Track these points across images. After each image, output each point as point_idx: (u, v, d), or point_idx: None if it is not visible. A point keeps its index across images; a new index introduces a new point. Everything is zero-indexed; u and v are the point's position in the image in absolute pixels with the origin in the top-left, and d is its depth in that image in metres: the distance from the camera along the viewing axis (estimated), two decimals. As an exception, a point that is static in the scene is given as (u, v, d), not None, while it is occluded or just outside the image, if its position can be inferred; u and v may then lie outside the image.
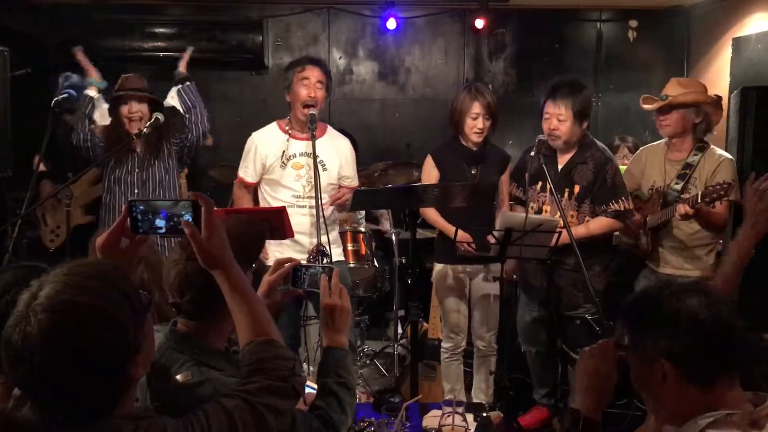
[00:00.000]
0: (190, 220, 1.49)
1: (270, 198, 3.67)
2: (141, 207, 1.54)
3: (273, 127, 3.75)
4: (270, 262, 3.41)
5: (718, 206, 3.38)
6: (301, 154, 3.59)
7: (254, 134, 3.77)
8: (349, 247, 4.35)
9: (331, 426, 1.74)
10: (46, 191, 4.27)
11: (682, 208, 3.30)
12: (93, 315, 1.24)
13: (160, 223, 1.53)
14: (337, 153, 3.73)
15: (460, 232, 3.45)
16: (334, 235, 3.82)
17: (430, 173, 3.81)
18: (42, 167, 4.36)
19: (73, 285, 1.25)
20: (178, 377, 1.65)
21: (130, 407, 1.33)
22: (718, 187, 3.21)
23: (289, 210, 3.55)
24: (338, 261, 3.78)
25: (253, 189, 3.77)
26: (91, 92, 3.92)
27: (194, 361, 1.70)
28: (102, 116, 3.89)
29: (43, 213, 4.47)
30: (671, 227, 3.59)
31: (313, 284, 1.96)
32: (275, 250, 3.53)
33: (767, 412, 1.52)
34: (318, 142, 3.64)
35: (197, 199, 1.49)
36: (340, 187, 3.73)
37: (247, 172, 3.73)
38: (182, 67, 4.14)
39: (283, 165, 3.63)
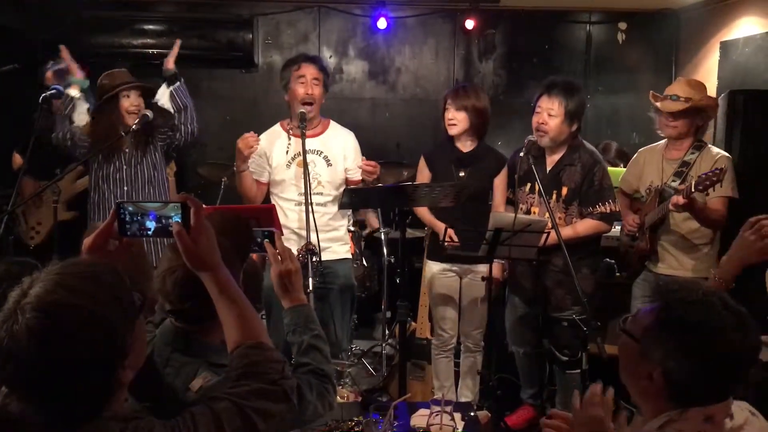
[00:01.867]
0: (179, 221, 1.48)
1: (278, 198, 3.69)
2: (129, 208, 1.52)
3: (276, 127, 3.78)
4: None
5: (713, 202, 3.37)
6: (303, 152, 3.58)
7: (260, 136, 3.77)
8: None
9: (326, 377, 1.79)
10: (28, 188, 4.22)
11: (676, 198, 3.27)
12: (82, 317, 1.22)
13: (149, 224, 1.51)
14: (342, 147, 3.73)
15: (448, 230, 3.48)
16: (342, 232, 3.81)
17: (422, 173, 3.85)
18: (20, 161, 4.33)
19: (64, 285, 1.24)
20: (198, 381, 1.64)
21: (119, 408, 1.32)
22: (711, 174, 3.18)
23: (294, 207, 3.60)
24: (343, 259, 3.79)
25: (265, 190, 3.76)
26: (73, 91, 3.78)
27: (205, 362, 1.70)
28: (80, 116, 3.77)
29: (23, 211, 4.42)
30: (669, 225, 3.58)
31: (258, 248, 2.01)
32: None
33: (724, 408, 1.53)
34: (322, 137, 3.69)
35: (186, 200, 1.48)
36: (346, 181, 3.73)
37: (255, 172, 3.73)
38: (170, 63, 3.93)
39: (289, 164, 3.65)
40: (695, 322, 1.51)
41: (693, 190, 3.21)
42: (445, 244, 3.58)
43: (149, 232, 1.52)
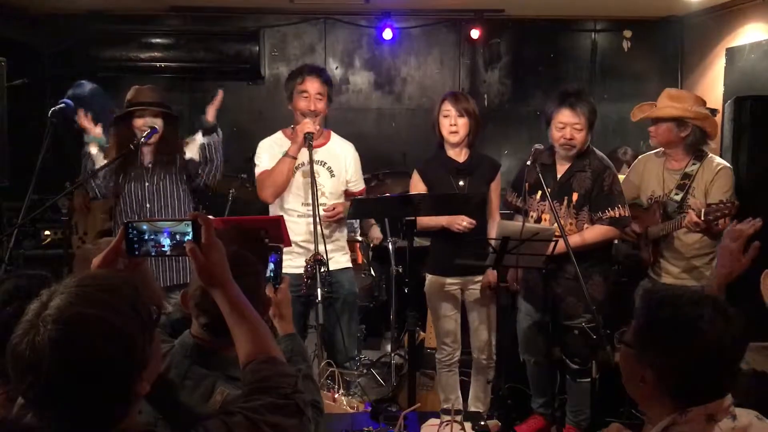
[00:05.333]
0: (191, 238, 1.48)
1: (279, 209, 3.66)
2: (143, 227, 1.51)
3: (279, 135, 3.77)
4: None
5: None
6: (308, 162, 3.58)
7: (262, 142, 3.78)
8: (346, 256, 4.35)
9: (320, 410, 1.90)
10: (78, 201, 4.28)
11: (690, 218, 3.29)
12: (103, 329, 1.23)
13: (164, 241, 1.50)
14: (343, 158, 3.74)
15: (450, 217, 3.55)
16: (343, 242, 3.83)
17: (416, 187, 3.77)
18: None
19: (84, 297, 1.25)
20: (217, 396, 1.66)
21: (133, 421, 1.32)
22: (722, 206, 3.21)
23: (297, 219, 3.59)
24: (346, 268, 3.79)
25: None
26: (93, 149, 3.74)
27: (223, 375, 1.73)
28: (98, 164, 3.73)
29: (76, 221, 4.50)
30: (672, 237, 3.60)
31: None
32: (286, 258, 3.52)
33: (725, 406, 1.54)
34: (324, 148, 3.69)
35: (197, 218, 1.48)
36: (346, 192, 3.74)
37: (264, 163, 3.68)
38: (210, 115, 3.82)
39: (293, 173, 3.65)
40: (678, 317, 1.55)
41: (702, 219, 3.22)
42: (460, 229, 3.58)
43: (165, 250, 1.51)
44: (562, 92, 3.61)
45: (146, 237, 1.51)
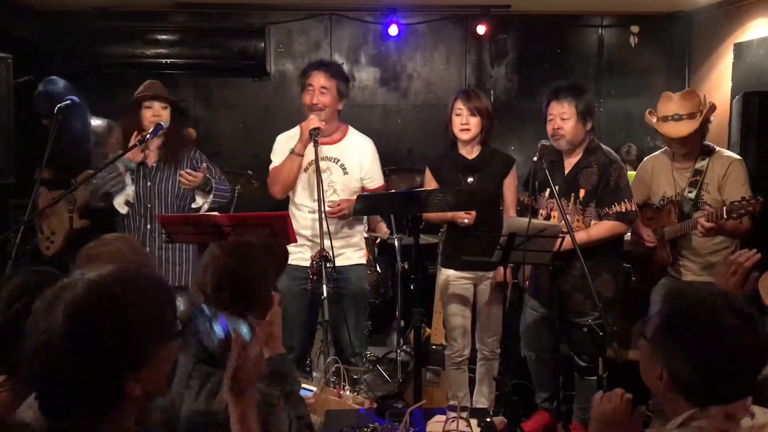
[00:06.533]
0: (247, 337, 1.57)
1: (291, 203, 3.73)
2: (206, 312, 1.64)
3: (297, 130, 3.75)
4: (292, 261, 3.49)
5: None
6: (322, 159, 3.57)
7: (279, 137, 3.83)
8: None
9: (309, 426, 1.96)
10: (42, 198, 4.25)
11: (706, 224, 3.27)
12: (115, 318, 1.25)
13: (218, 330, 1.61)
14: (359, 154, 3.74)
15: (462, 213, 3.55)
16: (356, 238, 3.83)
17: (429, 185, 3.82)
18: (46, 174, 4.36)
19: (106, 287, 1.27)
20: (223, 395, 1.68)
21: (126, 424, 1.32)
22: (745, 203, 3.18)
23: (307, 214, 3.63)
24: (356, 265, 3.80)
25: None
26: (120, 165, 3.66)
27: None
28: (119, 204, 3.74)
29: (40, 222, 4.47)
30: (689, 235, 3.56)
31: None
32: (297, 251, 3.60)
33: (746, 405, 1.54)
34: (340, 145, 3.71)
35: (255, 324, 1.58)
36: (363, 189, 3.73)
37: (276, 159, 3.75)
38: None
39: (305, 169, 3.67)
40: (696, 322, 1.54)
41: (726, 217, 3.19)
42: (462, 223, 3.58)
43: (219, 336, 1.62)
44: (552, 87, 3.62)
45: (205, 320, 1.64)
